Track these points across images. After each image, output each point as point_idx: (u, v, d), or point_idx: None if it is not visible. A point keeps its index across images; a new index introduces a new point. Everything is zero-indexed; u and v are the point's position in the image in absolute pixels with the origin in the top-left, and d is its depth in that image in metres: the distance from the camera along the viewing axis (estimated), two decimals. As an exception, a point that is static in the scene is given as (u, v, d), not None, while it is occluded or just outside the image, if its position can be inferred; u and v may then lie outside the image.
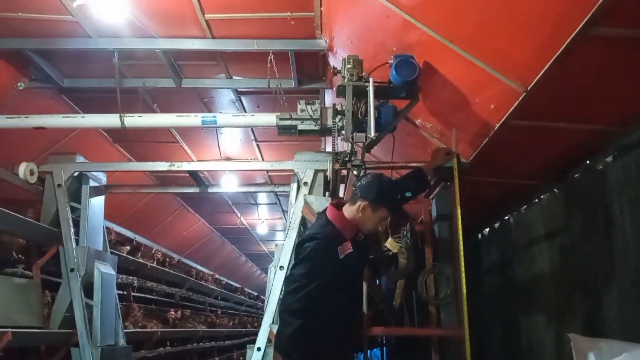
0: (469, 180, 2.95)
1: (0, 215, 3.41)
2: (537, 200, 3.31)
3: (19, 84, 4.26)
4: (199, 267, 9.33)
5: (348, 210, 2.47)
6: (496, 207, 3.74)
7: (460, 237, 2.87)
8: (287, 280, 2.44)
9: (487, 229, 4.16)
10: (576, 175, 2.93)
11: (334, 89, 3.43)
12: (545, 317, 3.14)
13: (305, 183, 3.56)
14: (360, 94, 2.69)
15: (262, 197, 8.81)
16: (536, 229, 3.31)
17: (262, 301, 10.10)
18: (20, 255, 4.07)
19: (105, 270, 4.21)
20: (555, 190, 3.15)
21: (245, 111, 5.13)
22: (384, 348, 5.82)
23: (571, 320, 2.84)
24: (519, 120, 2.46)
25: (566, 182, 3.02)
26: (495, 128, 2.54)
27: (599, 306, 2.62)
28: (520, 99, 2.24)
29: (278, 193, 7.51)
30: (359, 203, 2.43)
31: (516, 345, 3.52)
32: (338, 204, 2.55)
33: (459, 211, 2.89)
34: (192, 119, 3.74)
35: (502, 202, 3.61)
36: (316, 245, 2.35)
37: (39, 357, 3.93)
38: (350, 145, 2.89)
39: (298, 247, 2.48)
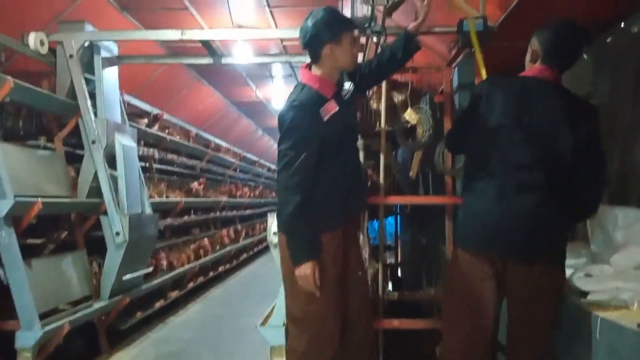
0: (496, 46, 2.79)
1: (16, 87, 3.37)
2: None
3: (16, -53, 3.99)
4: (217, 140, 9.44)
5: (317, 67, 2.28)
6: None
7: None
8: (278, 157, 2.26)
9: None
10: (608, 40, 2.77)
11: (353, -55, 3.14)
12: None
13: (322, 52, 3.41)
14: (381, -51, 2.47)
15: (277, 69, 8.62)
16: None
17: (280, 173, 10.31)
18: (41, 128, 4.13)
19: (125, 142, 4.28)
20: (584, 55, 3.01)
21: (256, -26, 4.81)
22: (398, 217, 6.04)
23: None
24: (556, -24, 2.26)
25: (597, 46, 2.87)
26: (529, -14, 2.34)
27: (621, 169, 2.62)
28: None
29: (293, 64, 7.31)
30: (321, 52, 2.22)
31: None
32: (309, 66, 2.34)
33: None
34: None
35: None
36: (296, 113, 2.18)
37: (71, 225, 4.15)
38: (370, 9, 2.72)
39: (279, 122, 2.25)
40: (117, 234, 3.99)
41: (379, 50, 3.03)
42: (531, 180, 1.99)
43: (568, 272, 2.12)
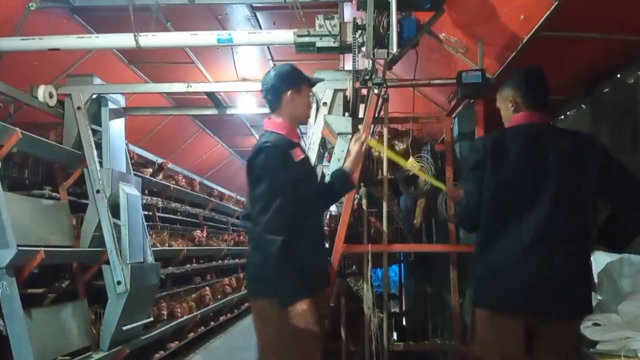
0: (494, 98, 2.85)
1: (24, 138, 3.44)
2: (563, 116, 3.23)
3: (30, 4, 4.13)
4: (220, 188, 9.48)
5: (278, 115, 2.34)
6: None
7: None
8: (252, 202, 2.16)
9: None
10: (605, 90, 2.84)
11: (354, 1, 3.28)
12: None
13: (325, 103, 3.49)
14: (381, 6, 2.57)
15: (281, 119, 8.75)
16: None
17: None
18: (46, 178, 4.17)
19: (130, 191, 4.31)
20: (583, 105, 3.07)
21: (261, 28, 4.96)
22: (402, 265, 5.98)
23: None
24: (550, 31, 2.35)
25: (595, 97, 2.94)
26: (525, 40, 2.43)
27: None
28: (552, 8, 2.12)
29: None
30: (282, 98, 2.29)
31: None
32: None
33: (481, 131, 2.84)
34: (207, 38, 3.65)
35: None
36: (269, 154, 2.14)
37: (72, 274, 4.12)
38: (371, 62, 2.80)
39: (250, 166, 2.19)
40: (119, 283, 3.96)
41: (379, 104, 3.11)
42: (553, 229, 1.94)
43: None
